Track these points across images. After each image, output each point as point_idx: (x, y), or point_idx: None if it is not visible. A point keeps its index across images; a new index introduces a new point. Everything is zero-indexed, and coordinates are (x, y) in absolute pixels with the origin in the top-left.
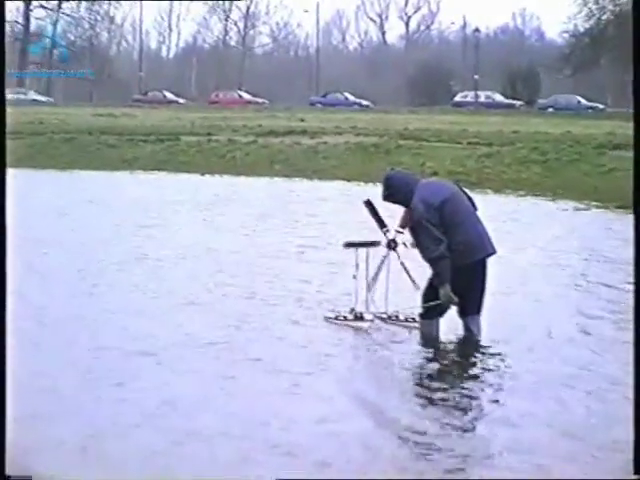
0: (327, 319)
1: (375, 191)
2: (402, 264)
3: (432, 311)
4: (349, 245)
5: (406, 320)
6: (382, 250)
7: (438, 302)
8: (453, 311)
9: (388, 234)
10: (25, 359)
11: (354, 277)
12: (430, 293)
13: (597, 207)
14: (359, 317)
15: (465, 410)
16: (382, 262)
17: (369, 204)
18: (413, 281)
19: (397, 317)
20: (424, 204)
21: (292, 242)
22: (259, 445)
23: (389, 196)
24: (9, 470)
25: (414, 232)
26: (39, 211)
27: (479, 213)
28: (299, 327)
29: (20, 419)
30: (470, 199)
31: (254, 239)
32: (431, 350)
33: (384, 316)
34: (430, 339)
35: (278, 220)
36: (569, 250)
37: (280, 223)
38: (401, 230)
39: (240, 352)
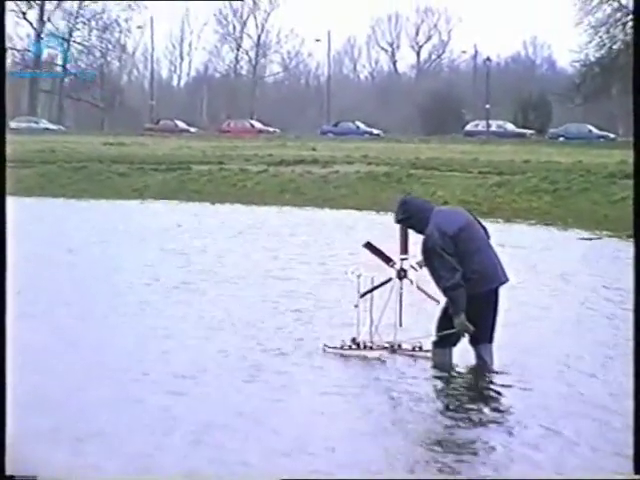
0: (327, 348)
1: (387, 219)
2: (400, 295)
3: (446, 340)
4: (368, 246)
5: (413, 349)
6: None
7: (453, 331)
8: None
9: (395, 266)
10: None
11: (355, 306)
12: (444, 322)
13: (609, 236)
14: (364, 347)
15: None
16: (381, 284)
17: (369, 245)
18: (400, 317)
19: (400, 346)
20: (439, 232)
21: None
22: None
23: (403, 220)
24: (12, 469)
25: (428, 260)
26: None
27: (494, 242)
28: None
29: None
30: (483, 227)
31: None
32: None
33: (387, 345)
34: (444, 368)
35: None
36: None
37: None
38: (405, 256)
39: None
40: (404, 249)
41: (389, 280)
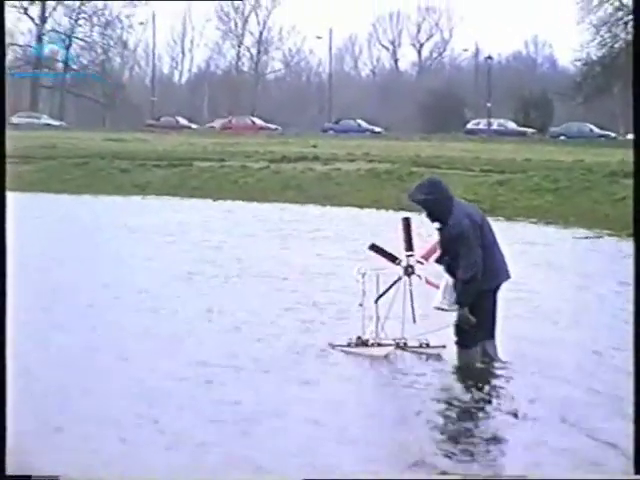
0: (334, 347)
1: (388, 217)
2: (410, 292)
3: (470, 339)
4: (373, 248)
5: (420, 346)
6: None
7: (456, 324)
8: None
9: (410, 259)
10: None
11: (360, 305)
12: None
13: (609, 235)
14: (368, 344)
15: None
16: (392, 285)
17: (374, 247)
18: (413, 313)
19: (406, 344)
20: (470, 220)
21: None
22: None
23: (427, 200)
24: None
25: (452, 247)
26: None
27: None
28: None
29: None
30: None
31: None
32: None
33: (392, 342)
34: (471, 368)
35: None
36: None
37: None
38: (423, 261)
39: None
40: (409, 245)
41: (399, 279)
